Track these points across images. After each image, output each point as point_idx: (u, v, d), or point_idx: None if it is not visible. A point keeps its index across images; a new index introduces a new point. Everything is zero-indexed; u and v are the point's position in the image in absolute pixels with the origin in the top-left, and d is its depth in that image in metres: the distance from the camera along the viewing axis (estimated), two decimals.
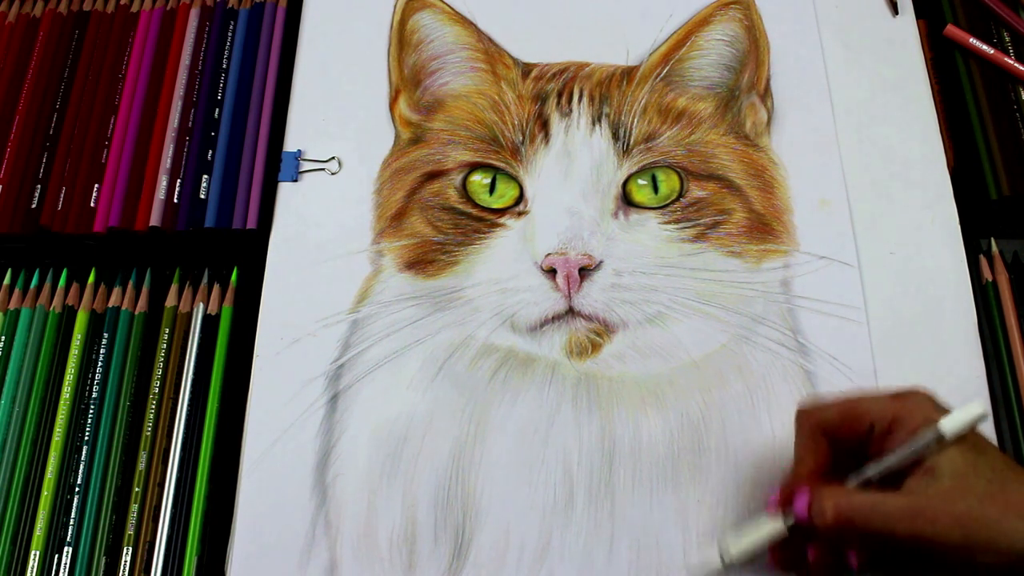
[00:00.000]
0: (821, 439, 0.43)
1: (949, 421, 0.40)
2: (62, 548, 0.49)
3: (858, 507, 0.40)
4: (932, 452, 0.40)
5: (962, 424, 0.40)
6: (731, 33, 0.59)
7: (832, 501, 0.40)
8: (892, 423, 0.41)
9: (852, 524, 0.40)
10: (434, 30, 0.60)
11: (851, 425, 0.43)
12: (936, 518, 0.38)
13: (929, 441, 0.40)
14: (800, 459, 0.43)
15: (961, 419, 0.40)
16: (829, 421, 0.43)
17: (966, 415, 0.40)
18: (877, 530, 0.39)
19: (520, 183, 0.55)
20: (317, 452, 0.51)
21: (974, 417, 0.40)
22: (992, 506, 0.38)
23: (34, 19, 0.64)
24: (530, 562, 0.48)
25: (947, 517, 0.38)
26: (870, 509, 0.39)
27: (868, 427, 0.42)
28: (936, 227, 0.56)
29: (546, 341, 0.52)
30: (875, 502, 0.40)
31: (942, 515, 0.38)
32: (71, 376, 0.53)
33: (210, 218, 0.57)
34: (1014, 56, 0.59)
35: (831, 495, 0.40)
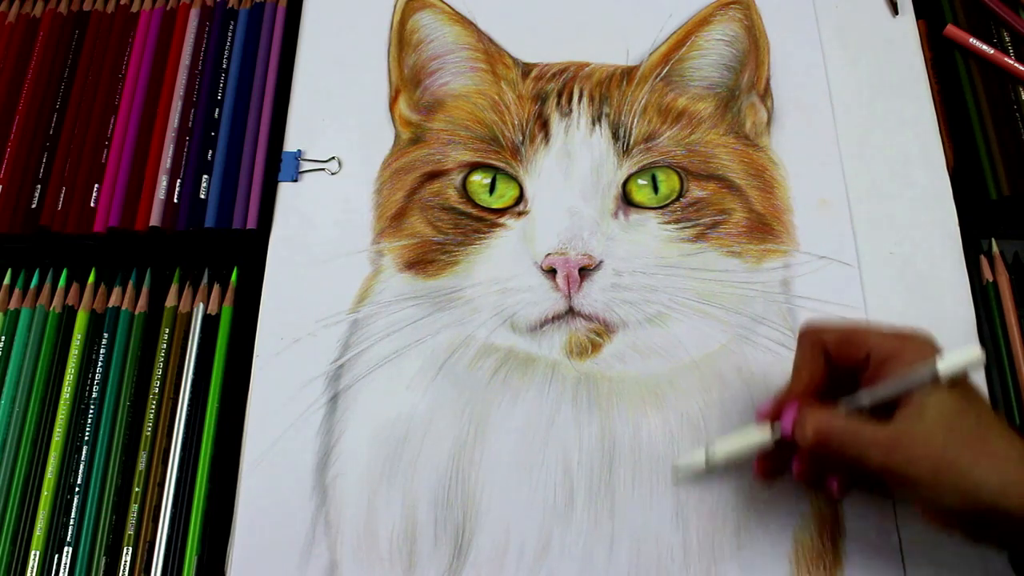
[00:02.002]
0: (819, 358, 0.44)
1: (946, 361, 0.40)
2: (62, 548, 0.49)
3: (838, 431, 0.41)
4: (924, 390, 0.40)
5: (958, 364, 0.40)
6: (731, 33, 0.59)
7: (815, 421, 0.41)
8: (890, 355, 0.42)
9: (829, 446, 0.41)
10: (434, 30, 0.60)
11: (850, 350, 0.43)
12: (911, 453, 0.39)
13: (923, 377, 0.40)
14: (796, 374, 0.44)
15: (957, 360, 0.40)
16: (830, 342, 0.44)
17: (963, 356, 0.40)
18: (853, 456, 0.40)
19: (520, 183, 0.55)
20: (317, 452, 0.51)
21: (971, 359, 0.40)
22: (967, 451, 0.39)
23: (34, 19, 0.64)
24: (530, 562, 0.48)
25: (921, 454, 0.39)
26: (849, 435, 0.41)
27: (866, 355, 0.43)
28: (936, 227, 0.56)
29: (546, 341, 0.52)
30: (855, 429, 0.41)
31: (917, 451, 0.39)
32: (71, 376, 0.53)
33: (210, 218, 0.57)
34: (1014, 56, 0.59)
35: (815, 415, 0.42)
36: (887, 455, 0.40)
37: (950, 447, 0.39)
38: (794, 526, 0.48)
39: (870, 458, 0.40)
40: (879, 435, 0.40)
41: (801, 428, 0.42)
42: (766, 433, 0.44)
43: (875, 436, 0.40)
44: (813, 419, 0.42)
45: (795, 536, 0.48)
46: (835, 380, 0.44)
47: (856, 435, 0.40)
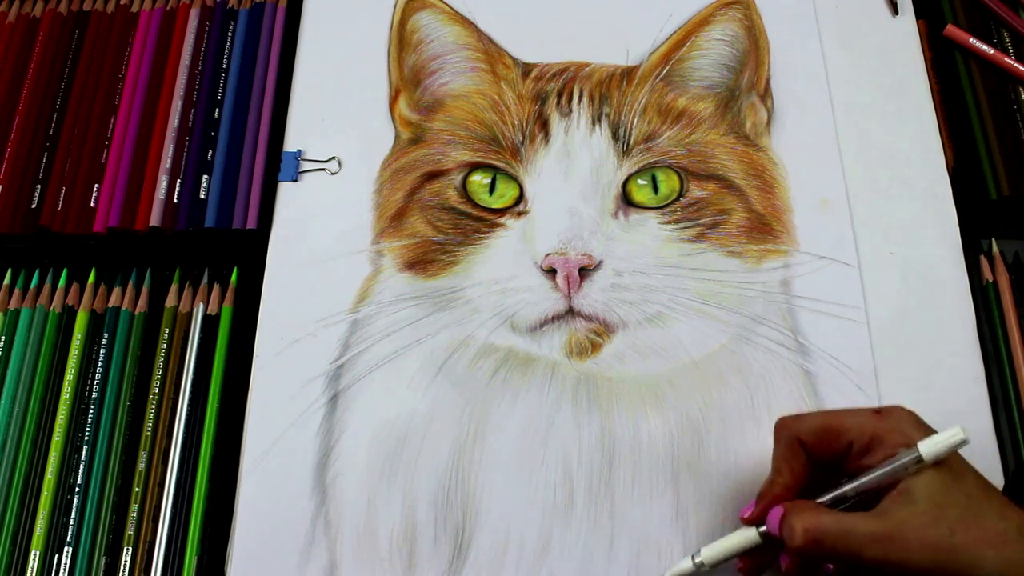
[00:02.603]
0: (799, 452, 0.43)
1: (928, 444, 0.40)
2: (62, 548, 0.49)
3: (828, 529, 0.40)
4: (909, 474, 0.40)
5: (941, 448, 0.39)
6: (731, 33, 0.59)
7: (802, 522, 0.40)
8: (871, 440, 0.41)
9: (822, 547, 0.40)
10: (434, 30, 0.60)
11: (830, 440, 0.42)
12: (907, 544, 0.38)
13: (907, 463, 0.40)
14: (777, 471, 0.43)
15: (941, 443, 0.40)
16: (808, 434, 0.43)
17: (946, 440, 0.40)
18: (846, 553, 0.39)
19: (520, 183, 0.55)
20: (317, 452, 0.51)
21: (954, 442, 0.39)
22: (965, 534, 0.38)
23: (34, 19, 0.64)
24: (530, 562, 0.48)
25: (918, 543, 0.38)
26: (840, 532, 0.39)
27: (847, 444, 0.42)
28: (936, 227, 0.56)
29: (546, 341, 0.52)
30: (845, 525, 0.39)
31: (913, 541, 0.38)
32: (71, 376, 0.53)
33: (210, 218, 0.57)
34: (1014, 56, 0.59)
35: (803, 517, 0.40)
36: (884, 549, 0.38)
37: (945, 533, 0.38)
38: None
39: (867, 554, 0.39)
40: (873, 529, 0.39)
41: (790, 531, 0.40)
42: (752, 534, 0.43)
43: (869, 531, 0.39)
44: (801, 521, 0.40)
45: None
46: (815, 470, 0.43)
47: (849, 532, 0.39)
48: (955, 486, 0.39)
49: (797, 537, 0.40)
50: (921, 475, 0.40)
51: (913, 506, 0.39)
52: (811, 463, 0.43)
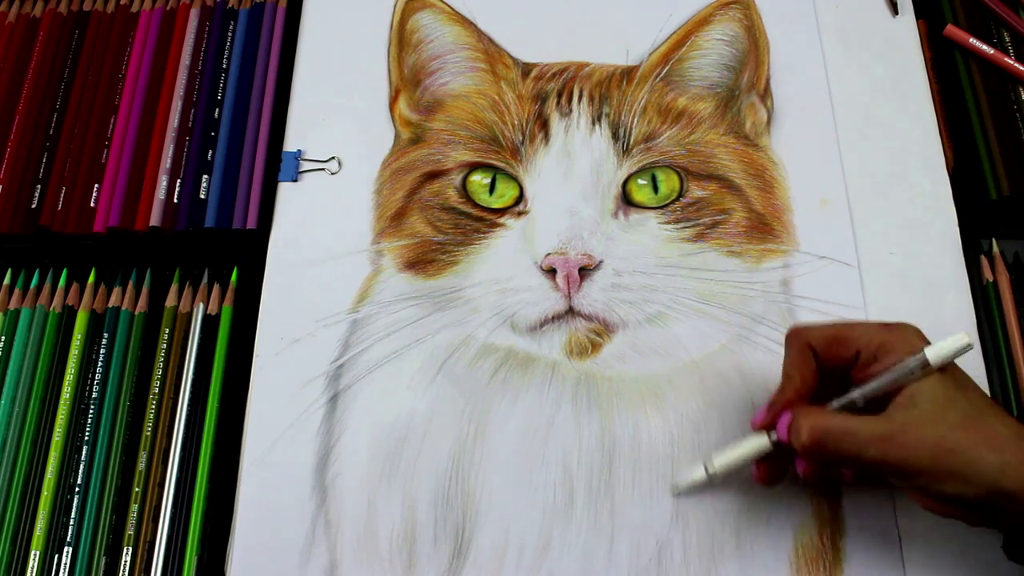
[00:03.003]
0: (809, 359, 0.44)
1: (934, 349, 0.41)
2: (62, 548, 0.49)
3: (832, 430, 0.41)
4: (915, 380, 0.41)
5: (947, 353, 0.41)
6: (731, 33, 0.59)
7: (809, 423, 0.41)
8: (878, 350, 0.42)
9: (826, 446, 0.41)
10: (434, 30, 0.60)
11: (839, 348, 0.43)
12: (908, 443, 0.39)
13: (913, 368, 0.41)
14: (787, 377, 0.44)
15: (946, 348, 0.41)
16: (818, 341, 0.44)
17: (952, 344, 0.41)
18: (851, 453, 0.41)
19: (520, 183, 0.55)
20: (317, 452, 0.51)
21: (960, 346, 0.40)
22: (965, 436, 0.39)
23: (34, 19, 0.64)
24: (530, 562, 0.48)
25: (919, 443, 0.39)
26: (845, 433, 0.41)
27: (855, 352, 0.43)
28: (936, 227, 0.56)
29: (546, 341, 0.52)
30: (849, 426, 0.41)
31: (914, 441, 0.39)
32: (71, 376, 0.53)
33: (210, 218, 0.57)
34: (1014, 56, 0.59)
35: (809, 417, 0.42)
36: (885, 449, 0.40)
37: (947, 433, 0.39)
38: (794, 526, 0.48)
39: (868, 453, 0.40)
40: (875, 430, 0.40)
41: (796, 431, 0.42)
42: (763, 441, 0.45)
43: (871, 431, 0.40)
44: (807, 421, 0.42)
45: (795, 536, 0.48)
46: (826, 380, 0.44)
47: (852, 432, 0.41)
48: (958, 392, 0.41)
49: (803, 436, 0.41)
50: (925, 381, 0.41)
51: (916, 409, 0.40)
52: (821, 370, 0.44)
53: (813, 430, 0.41)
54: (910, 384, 0.41)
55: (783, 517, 0.48)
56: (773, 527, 0.48)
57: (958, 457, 0.39)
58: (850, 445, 0.40)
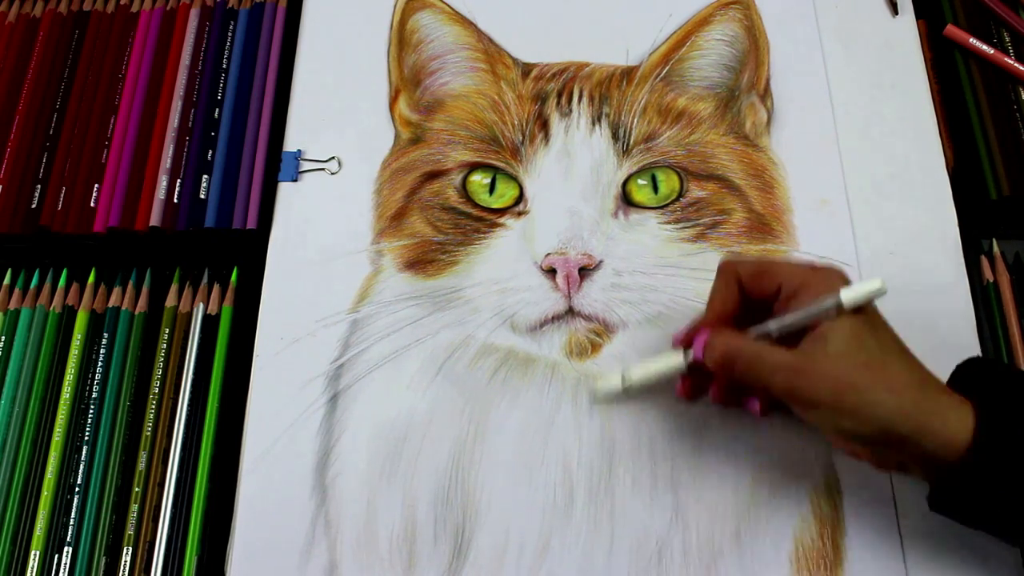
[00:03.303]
0: (733, 288, 0.45)
1: (849, 291, 0.41)
2: (62, 548, 0.49)
3: (744, 353, 0.43)
4: (829, 319, 0.42)
5: (860, 295, 0.41)
6: (731, 33, 0.59)
7: (722, 344, 0.43)
8: (799, 287, 0.43)
9: (735, 368, 0.43)
10: (434, 30, 0.60)
11: (763, 281, 0.45)
12: (812, 376, 0.41)
13: (828, 307, 0.42)
14: (709, 302, 0.46)
15: (861, 290, 0.42)
16: (745, 271, 0.45)
17: (865, 287, 0.42)
18: (758, 378, 0.42)
19: (520, 183, 0.55)
20: (317, 452, 0.51)
21: (872, 290, 0.42)
22: (866, 375, 0.40)
23: (34, 19, 0.64)
24: (530, 562, 0.48)
25: (823, 377, 0.40)
26: (755, 358, 0.42)
27: (777, 287, 0.44)
28: (936, 227, 0.56)
29: (546, 341, 0.52)
30: (761, 352, 0.42)
31: (819, 374, 0.41)
32: (71, 376, 0.53)
33: (210, 218, 0.57)
34: (1014, 56, 0.59)
35: (723, 338, 0.44)
36: (790, 379, 0.41)
37: (850, 371, 0.40)
38: (794, 526, 0.48)
39: (774, 381, 0.42)
40: (784, 359, 0.42)
41: (711, 349, 0.44)
42: (678, 358, 0.46)
43: (780, 360, 0.42)
44: (720, 342, 0.43)
45: (795, 536, 0.48)
46: (750, 312, 0.45)
47: (761, 358, 0.42)
48: (869, 333, 0.41)
49: (716, 354, 0.43)
50: (839, 321, 0.41)
51: (826, 345, 0.41)
52: (747, 302, 0.45)
53: (726, 350, 0.43)
54: (824, 322, 0.42)
55: (783, 517, 0.48)
56: (773, 527, 0.48)
57: (857, 395, 0.40)
58: (758, 370, 0.42)
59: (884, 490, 0.49)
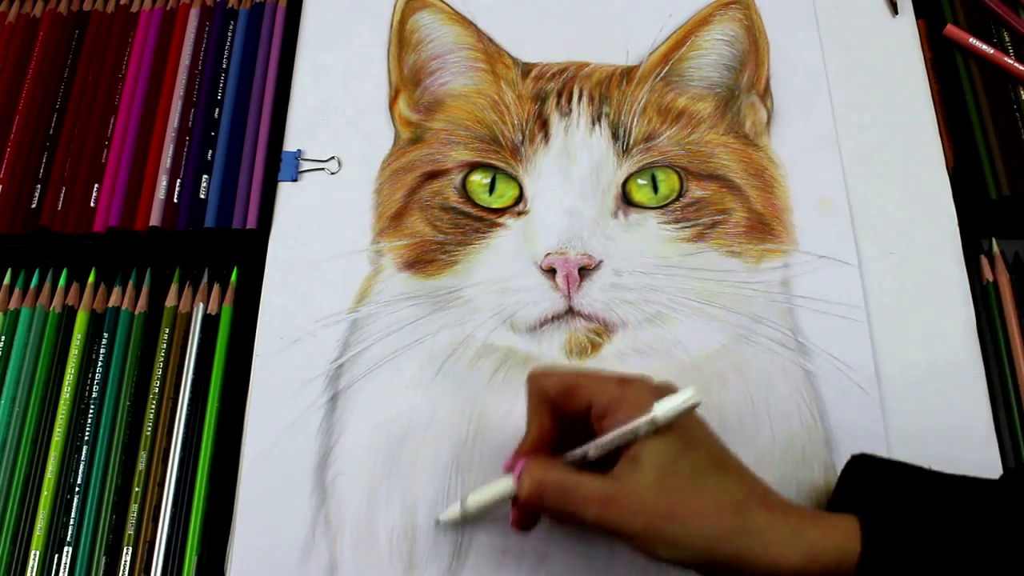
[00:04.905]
0: (545, 408, 0.43)
1: (662, 405, 0.39)
2: (62, 548, 0.49)
3: (553, 485, 0.40)
4: (643, 440, 0.40)
5: (673, 409, 0.39)
6: (731, 33, 0.59)
7: (531, 475, 0.41)
8: (609, 404, 0.41)
9: (544, 501, 0.40)
10: (434, 30, 0.60)
11: (571, 399, 0.42)
12: (624, 507, 0.39)
13: (641, 424, 0.39)
14: (528, 424, 0.44)
15: (673, 404, 0.39)
16: (552, 389, 0.43)
17: (678, 401, 0.39)
18: (566, 511, 0.40)
19: (520, 183, 0.55)
20: (317, 452, 0.51)
21: (684, 404, 0.39)
22: (682, 504, 0.38)
23: (34, 19, 0.64)
24: (530, 562, 0.48)
25: (637, 508, 0.38)
26: (563, 489, 0.40)
27: (587, 404, 0.42)
28: (936, 227, 0.56)
29: (546, 341, 0.52)
30: (572, 484, 0.40)
31: (632, 505, 0.39)
32: (71, 376, 0.53)
33: (210, 218, 0.57)
34: (1014, 56, 0.59)
35: (533, 469, 0.41)
36: (601, 512, 0.39)
37: (662, 500, 0.38)
38: None
39: (585, 513, 0.39)
40: (596, 490, 0.39)
41: (520, 482, 0.41)
42: (509, 484, 0.43)
43: (590, 492, 0.39)
44: (530, 473, 0.41)
45: None
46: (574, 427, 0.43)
47: (572, 491, 0.40)
48: (683, 455, 0.40)
49: (524, 489, 0.41)
50: (651, 442, 0.40)
51: (639, 472, 0.39)
52: (558, 418, 0.43)
53: (533, 483, 0.40)
54: (637, 443, 0.40)
55: None
56: None
57: (672, 525, 0.38)
58: (568, 503, 0.40)
59: None
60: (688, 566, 0.39)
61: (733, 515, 0.38)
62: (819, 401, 0.51)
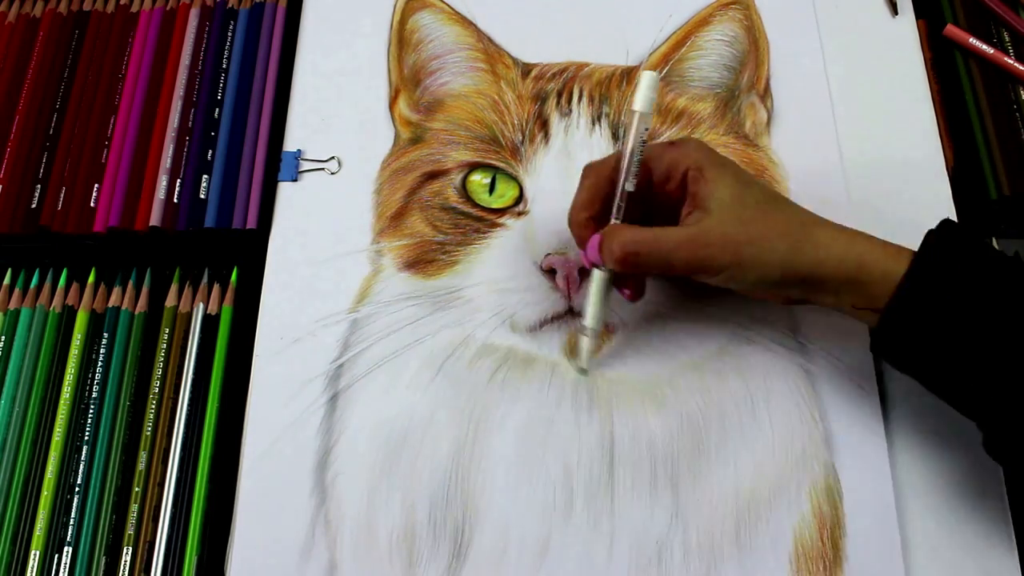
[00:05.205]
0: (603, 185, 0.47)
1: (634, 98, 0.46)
2: (62, 548, 0.49)
3: (641, 241, 0.45)
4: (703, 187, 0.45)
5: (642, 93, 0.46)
6: (731, 33, 0.59)
7: (618, 240, 0.45)
8: (669, 168, 0.46)
9: (638, 257, 0.45)
10: (434, 30, 0.60)
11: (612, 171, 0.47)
12: (710, 242, 0.44)
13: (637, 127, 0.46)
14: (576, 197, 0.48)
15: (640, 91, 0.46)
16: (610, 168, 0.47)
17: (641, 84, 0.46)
18: (661, 260, 0.44)
19: (520, 183, 0.55)
20: (317, 452, 0.51)
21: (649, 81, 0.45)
22: (755, 228, 0.44)
23: (34, 19, 0.64)
24: (530, 562, 0.48)
25: (719, 239, 0.44)
26: (652, 240, 0.44)
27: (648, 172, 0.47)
28: None
29: (546, 341, 0.52)
30: (656, 236, 0.45)
31: (714, 240, 0.44)
32: (71, 376, 0.53)
33: (210, 218, 0.57)
34: (1014, 56, 0.59)
35: (616, 235, 0.45)
36: (690, 250, 0.44)
37: (741, 228, 0.43)
38: (794, 526, 0.48)
39: (677, 257, 0.44)
40: (679, 235, 0.44)
41: (609, 251, 0.45)
42: (602, 275, 0.47)
43: (676, 237, 0.44)
44: (616, 239, 0.45)
45: (795, 536, 0.48)
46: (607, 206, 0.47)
47: (659, 240, 0.44)
48: (745, 191, 0.45)
49: (616, 253, 0.45)
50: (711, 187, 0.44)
51: (713, 213, 0.44)
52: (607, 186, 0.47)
53: (623, 245, 0.45)
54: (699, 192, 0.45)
55: (783, 517, 0.48)
56: (773, 527, 0.48)
57: (753, 247, 0.43)
58: (660, 252, 0.44)
59: (884, 490, 0.49)
60: (771, 285, 0.44)
61: (800, 231, 0.44)
62: (819, 401, 0.51)
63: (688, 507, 0.49)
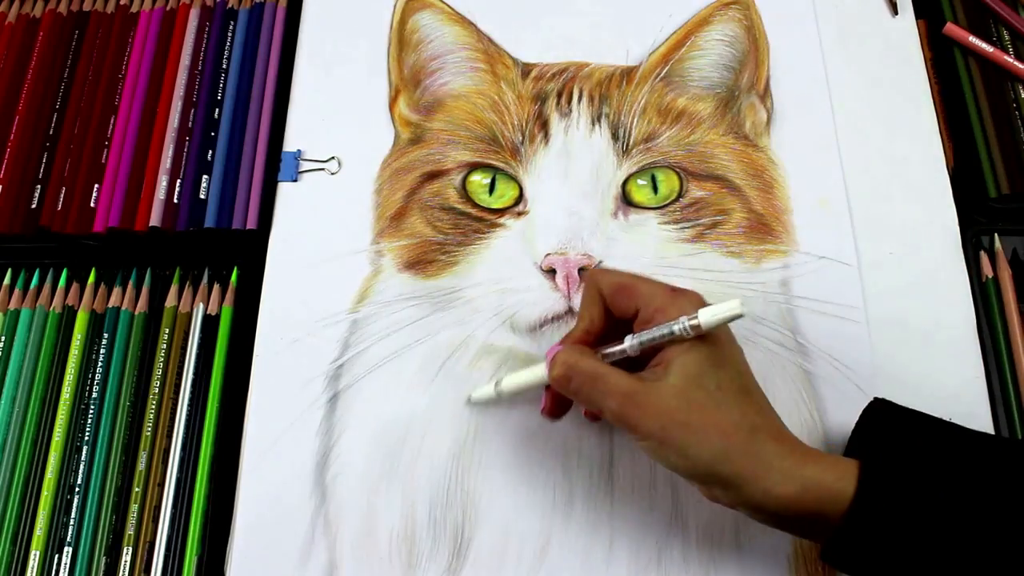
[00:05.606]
0: (597, 304, 0.44)
1: (707, 312, 0.40)
2: (62, 548, 0.49)
3: (581, 372, 0.42)
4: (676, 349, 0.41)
5: (715, 316, 0.40)
6: (731, 33, 0.59)
7: (563, 358, 0.42)
8: (656, 312, 0.42)
9: (570, 385, 0.42)
10: (434, 30, 0.60)
11: (623, 299, 0.43)
12: (644, 407, 0.40)
13: (684, 328, 0.40)
14: (579, 317, 0.45)
15: (716, 311, 0.40)
16: (606, 287, 0.44)
17: (721, 309, 0.40)
18: (592, 400, 0.42)
19: (520, 183, 0.55)
20: (317, 452, 0.51)
21: (729, 312, 0.40)
22: (696, 415, 0.39)
23: (34, 19, 0.64)
24: (529, 562, 0.48)
25: (655, 410, 0.39)
26: (591, 376, 0.41)
27: (635, 307, 0.43)
28: (936, 226, 0.56)
29: (546, 341, 0.52)
30: (600, 373, 0.41)
31: (650, 407, 0.40)
32: (71, 376, 0.53)
33: (210, 218, 0.57)
34: (1013, 55, 0.59)
35: (567, 354, 0.42)
36: (622, 406, 0.40)
37: (682, 408, 0.39)
38: None
39: (607, 406, 0.41)
40: (620, 385, 0.41)
41: (552, 363, 0.43)
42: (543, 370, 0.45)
43: (616, 385, 0.41)
44: (563, 357, 0.42)
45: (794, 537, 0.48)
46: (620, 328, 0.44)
47: (599, 380, 0.41)
48: (712, 371, 0.40)
49: (554, 371, 0.42)
50: (683, 352, 0.40)
51: (666, 377, 0.40)
52: (610, 315, 0.44)
53: (563, 367, 0.42)
54: (671, 351, 0.41)
55: None
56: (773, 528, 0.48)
57: (685, 434, 0.39)
58: (593, 391, 0.41)
59: None
60: (690, 477, 0.40)
61: (744, 437, 0.39)
62: (819, 401, 0.51)
63: (688, 507, 0.49)
